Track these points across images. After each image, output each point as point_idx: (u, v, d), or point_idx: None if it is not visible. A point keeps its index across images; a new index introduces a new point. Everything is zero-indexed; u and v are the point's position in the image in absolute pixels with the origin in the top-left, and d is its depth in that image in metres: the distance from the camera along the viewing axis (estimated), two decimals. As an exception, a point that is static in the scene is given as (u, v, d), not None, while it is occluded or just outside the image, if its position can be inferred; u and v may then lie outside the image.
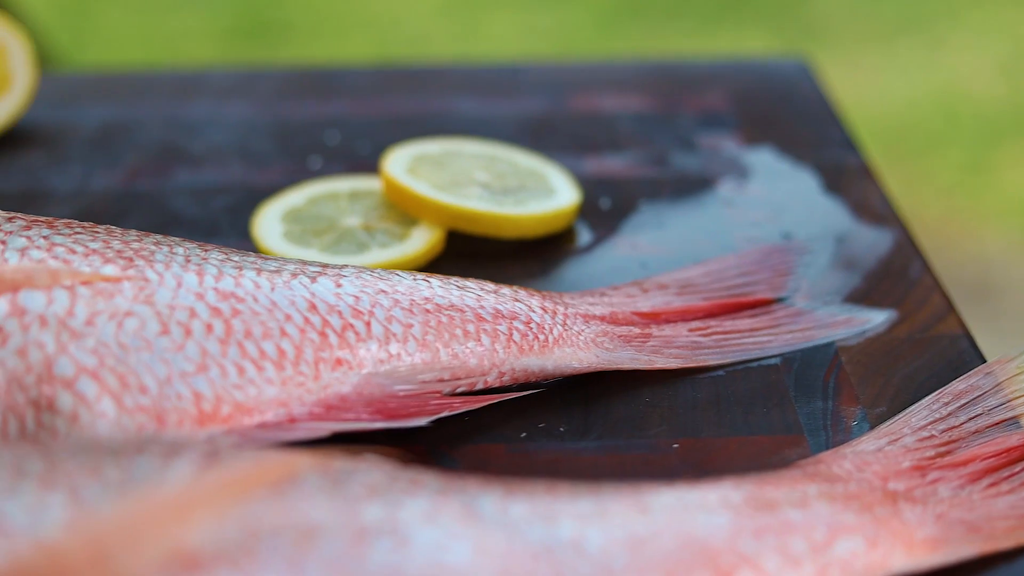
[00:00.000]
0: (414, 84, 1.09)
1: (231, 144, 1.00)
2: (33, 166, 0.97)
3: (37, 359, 0.64)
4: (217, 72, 1.12)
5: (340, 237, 0.84)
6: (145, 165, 0.97)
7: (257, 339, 0.68)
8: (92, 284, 0.67)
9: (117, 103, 1.06)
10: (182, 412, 0.65)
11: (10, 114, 0.99)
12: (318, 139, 1.01)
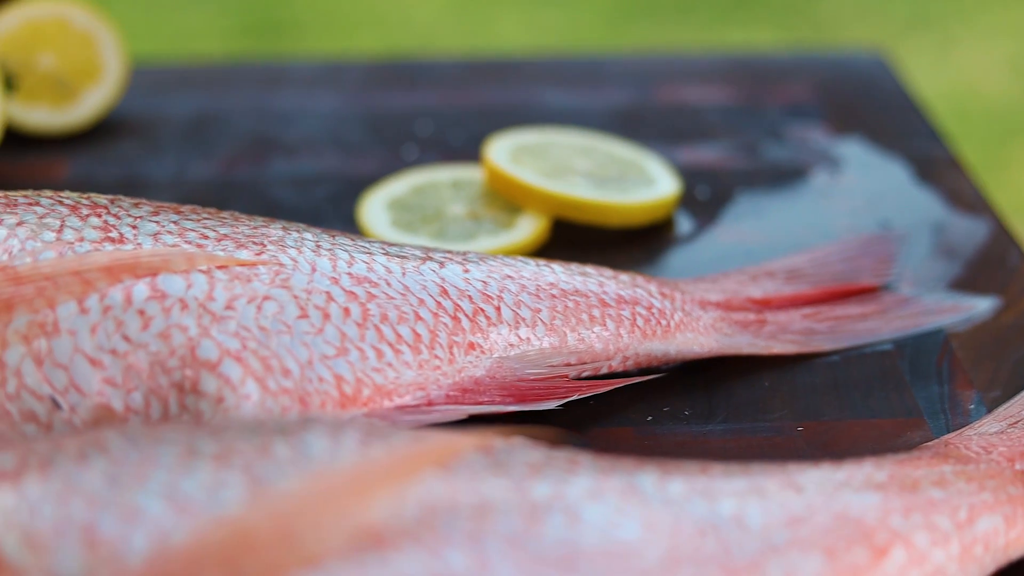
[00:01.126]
0: (499, 75, 1.10)
1: (324, 134, 1.00)
2: (128, 156, 0.97)
3: (180, 342, 0.64)
4: (301, 63, 1.12)
5: (446, 225, 0.84)
6: (240, 154, 0.97)
7: (393, 323, 0.68)
8: (228, 268, 0.67)
9: (205, 94, 1.06)
10: (324, 395, 0.65)
11: (103, 104, 0.99)
12: (409, 129, 1.01)
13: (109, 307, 0.64)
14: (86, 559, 0.49)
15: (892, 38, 2.57)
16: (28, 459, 0.54)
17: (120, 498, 0.51)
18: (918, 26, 2.67)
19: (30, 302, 0.64)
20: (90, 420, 0.63)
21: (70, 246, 0.66)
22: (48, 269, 0.65)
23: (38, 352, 0.63)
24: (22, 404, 0.63)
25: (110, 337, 0.64)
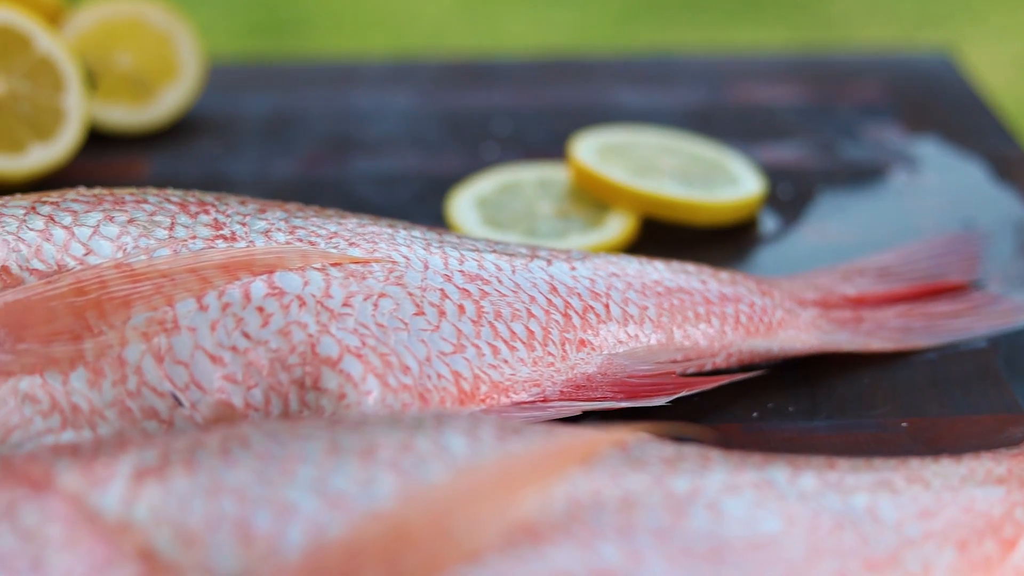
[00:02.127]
0: (570, 75, 1.10)
1: (402, 132, 1.01)
2: (208, 154, 0.97)
3: (300, 339, 0.64)
4: (374, 63, 1.12)
5: (536, 224, 0.84)
6: (321, 153, 0.97)
7: (507, 320, 0.68)
8: (342, 266, 0.67)
9: (280, 92, 1.07)
10: (443, 391, 0.65)
11: (180, 102, 0.99)
12: (486, 128, 1.01)
13: (228, 304, 0.64)
14: (242, 554, 0.49)
15: (901, 37, 2.57)
16: (170, 455, 0.54)
17: (271, 494, 0.52)
18: (927, 25, 2.67)
19: (148, 299, 0.64)
20: (211, 417, 0.63)
21: (183, 244, 0.67)
22: (165, 266, 0.65)
23: (158, 349, 0.63)
24: (143, 401, 0.63)
25: (230, 334, 0.64)
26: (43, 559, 0.49)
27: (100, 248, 0.66)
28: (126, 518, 0.51)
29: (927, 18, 2.71)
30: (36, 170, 0.89)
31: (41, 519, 0.51)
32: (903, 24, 2.68)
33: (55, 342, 0.63)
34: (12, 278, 0.65)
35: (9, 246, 0.66)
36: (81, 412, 0.62)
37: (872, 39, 2.55)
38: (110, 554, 0.49)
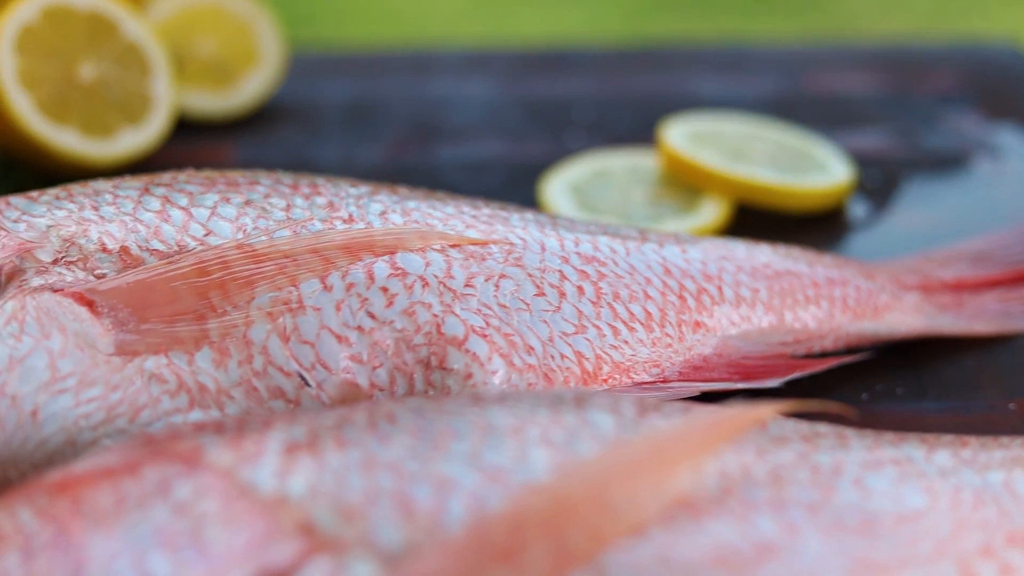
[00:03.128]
0: (648, 64, 1.10)
1: (484, 120, 1.01)
2: (292, 141, 0.97)
3: (425, 319, 0.65)
4: (450, 51, 1.12)
5: (630, 209, 0.85)
6: (405, 140, 0.98)
7: (625, 301, 0.68)
8: (461, 247, 0.67)
9: (360, 80, 1.07)
10: (567, 371, 0.66)
11: (262, 89, 1.00)
12: (566, 115, 1.02)
13: (352, 284, 0.64)
14: (406, 528, 0.49)
15: (914, 32, 2.57)
16: (320, 432, 0.54)
17: (428, 469, 0.52)
18: (938, 21, 2.68)
19: (272, 279, 0.64)
20: (337, 397, 0.63)
21: (302, 225, 0.67)
22: (286, 247, 0.65)
23: (283, 329, 0.63)
24: (269, 381, 0.63)
25: (355, 314, 0.64)
26: (202, 534, 0.49)
27: (220, 229, 0.66)
28: (281, 493, 0.51)
29: (939, 14, 2.71)
30: (126, 155, 0.89)
31: (195, 495, 0.51)
32: (916, 19, 2.69)
33: (179, 322, 0.63)
34: (132, 258, 0.65)
35: (127, 227, 0.66)
36: (208, 392, 0.62)
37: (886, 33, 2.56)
38: (270, 528, 0.49)
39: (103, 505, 0.51)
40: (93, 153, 0.88)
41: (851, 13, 2.71)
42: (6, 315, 0.61)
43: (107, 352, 0.61)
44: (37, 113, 0.86)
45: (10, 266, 0.64)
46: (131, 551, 0.49)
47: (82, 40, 0.89)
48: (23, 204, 0.68)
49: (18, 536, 0.49)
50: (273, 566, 0.48)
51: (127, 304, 0.63)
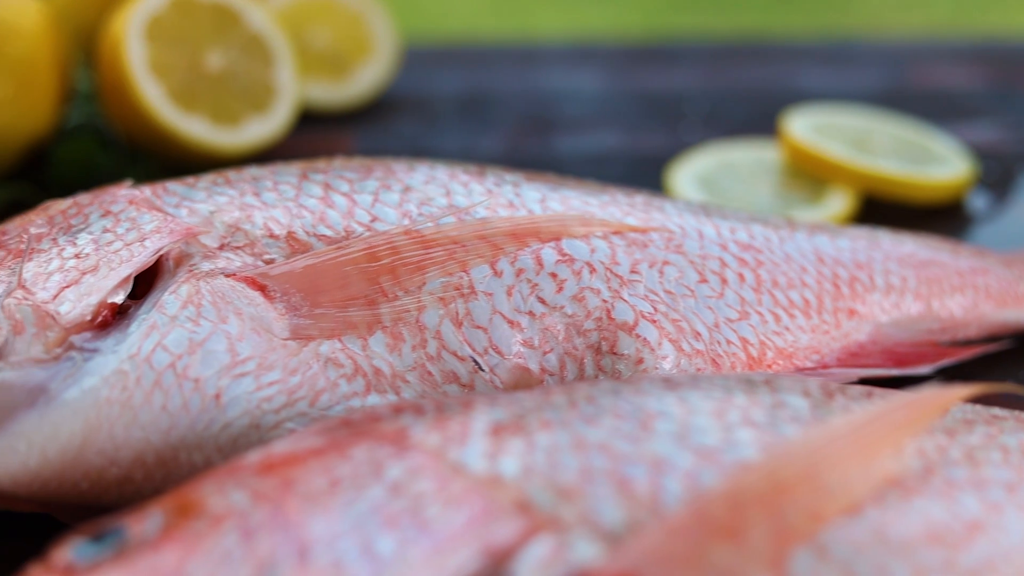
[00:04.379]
0: (751, 57, 1.11)
1: (597, 112, 1.01)
2: (410, 131, 0.98)
3: (595, 305, 0.65)
4: (558, 44, 1.13)
5: (757, 200, 0.85)
6: (522, 131, 0.98)
7: (784, 288, 0.69)
8: (623, 234, 0.68)
9: (470, 71, 1.07)
10: (733, 357, 0.66)
11: (377, 80, 1.00)
12: (678, 108, 1.02)
13: (522, 270, 0.65)
14: (626, 506, 0.50)
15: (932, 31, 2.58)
16: (524, 413, 0.54)
17: (639, 449, 0.52)
18: (958, 19, 2.68)
19: (442, 265, 0.64)
20: (509, 382, 0.64)
21: (466, 212, 0.67)
22: (454, 233, 0.65)
23: (456, 314, 0.64)
24: (443, 365, 0.63)
25: (526, 299, 0.65)
26: (422, 513, 0.50)
27: (385, 215, 0.67)
28: (494, 473, 0.51)
29: (961, 10, 2.71)
30: (252, 144, 0.90)
31: (408, 475, 0.51)
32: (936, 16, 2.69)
33: (351, 307, 0.63)
34: (300, 244, 0.65)
35: (291, 212, 0.67)
36: (383, 376, 0.62)
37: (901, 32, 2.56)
38: (489, 507, 0.50)
39: (316, 485, 0.51)
40: (221, 142, 0.88)
41: (870, 10, 2.72)
42: (182, 299, 0.62)
43: (282, 336, 0.62)
44: (167, 101, 0.87)
45: (177, 251, 0.64)
46: (354, 530, 0.49)
47: (208, 30, 0.90)
48: (182, 190, 0.69)
49: (233, 516, 0.50)
50: (497, 544, 0.49)
51: (299, 289, 0.63)
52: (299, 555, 0.48)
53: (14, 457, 0.58)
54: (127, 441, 0.59)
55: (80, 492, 0.59)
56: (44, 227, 0.67)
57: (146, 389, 0.60)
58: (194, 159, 0.88)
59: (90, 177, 0.90)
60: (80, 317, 0.61)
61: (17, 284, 0.63)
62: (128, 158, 0.91)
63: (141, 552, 0.49)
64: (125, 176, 0.88)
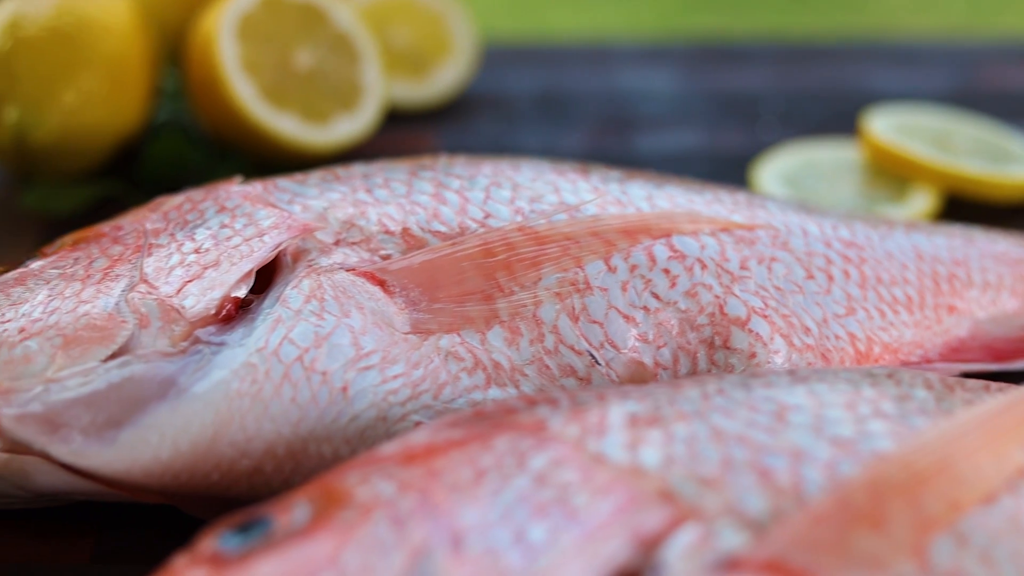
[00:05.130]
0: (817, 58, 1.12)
1: (674, 111, 1.03)
2: (491, 130, 0.99)
3: (707, 300, 0.66)
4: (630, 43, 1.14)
5: (840, 199, 0.86)
6: (601, 130, 0.99)
7: (887, 285, 0.70)
8: (730, 232, 0.69)
9: (545, 70, 1.09)
10: (841, 351, 0.67)
11: (458, 79, 1.01)
12: (753, 107, 1.03)
13: (635, 266, 0.66)
14: (770, 496, 0.51)
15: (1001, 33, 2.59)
16: (658, 405, 0.56)
17: (779, 440, 0.53)
18: (974, 19, 2.69)
19: (557, 261, 0.66)
20: (625, 376, 0.65)
21: (575, 209, 0.68)
22: (567, 229, 0.67)
23: (572, 309, 0.65)
24: (561, 359, 0.64)
25: (640, 295, 0.66)
26: (569, 502, 0.51)
27: (498, 212, 0.68)
28: (635, 463, 0.52)
29: (976, 10, 2.72)
30: (341, 142, 0.91)
31: (552, 465, 0.52)
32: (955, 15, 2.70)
33: (468, 301, 0.65)
34: (415, 240, 0.67)
35: (404, 209, 0.68)
36: (503, 370, 0.64)
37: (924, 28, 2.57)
38: (634, 496, 0.51)
39: (462, 476, 0.52)
40: (311, 139, 0.90)
41: (887, 10, 2.72)
42: (304, 294, 0.63)
43: (403, 331, 0.63)
44: (259, 99, 0.88)
45: (294, 246, 0.65)
46: (504, 519, 0.50)
47: (296, 29, 0.91)
48: (293, 187, 0.70)
49: (382, 505, 0.51)
50: (646, 532, 0.50)
51: (417, 284, 0.64)
52: (452, 543, 0.49)
53: (146, 449, 0.59)
54: (258, 433, 0.60)
55: (211, 483, 0.61)
56: (160, 223, 0.68)
57: (275, 382, 0.61)
58: (284, 157, 0.89)
59: (180, 174, 0.91)
60: (205, 311, 0.62)
61: (140, 279, 0.64)
62: (216, 155, 0.92)
63: (293, 541, 0.50)
64: (215, 173, 0.89)
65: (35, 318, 0.63)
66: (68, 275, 0.66)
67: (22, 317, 0.63)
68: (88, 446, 0.59)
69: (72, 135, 0.87)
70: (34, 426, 0.60)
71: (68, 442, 0.59)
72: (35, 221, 0.89)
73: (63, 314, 0.63)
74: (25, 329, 0.62)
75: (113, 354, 0.61)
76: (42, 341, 0.62)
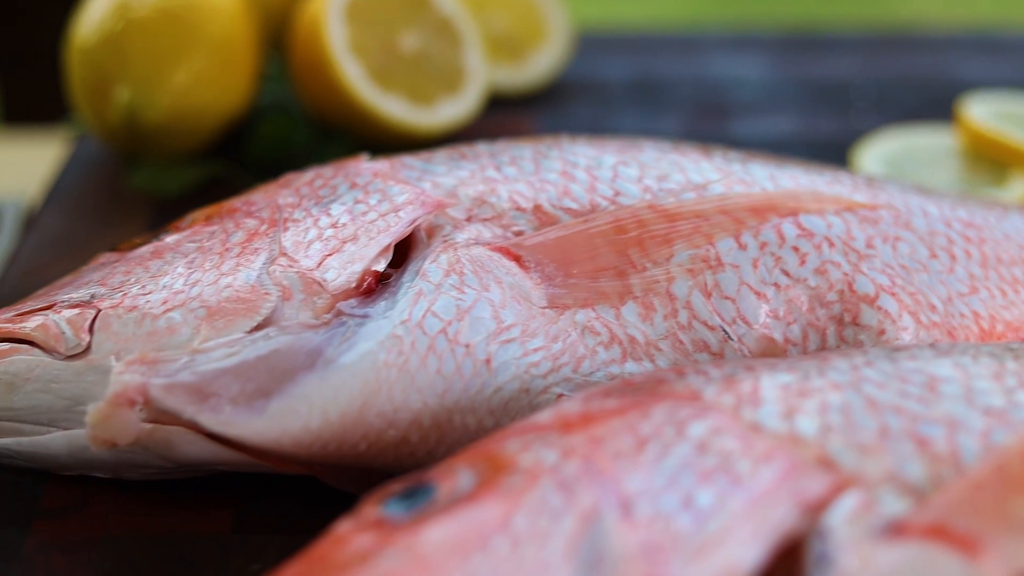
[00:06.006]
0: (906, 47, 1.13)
1: (767, 98, 1.04)
2: (588, 116, 1.00)
3: (836, 278, 0.67)
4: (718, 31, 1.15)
5: (940, 185, 0.87)
6: (697, 116, 1.01)
7: (1007, 265, 0.71)
8: (854, 211, 0.70)
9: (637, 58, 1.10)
10: (966, 329, 0.68)
11: (553, 65, 1.03)
12: (844, 94, 1.04)
13: (765, 243, 0.67)
14: (927, 464, 0.52)
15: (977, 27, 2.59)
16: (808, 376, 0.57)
17: (933, 410, 0.54)
18: (1001, 13, 2.69)
19: (688, 238, 0.67)
20: (756, 351, 0.66)
21: (702, 188, 0.70)
22: (697, 207, 0.68)
23: (704, 285, 0.66)
24: (694, 334, 0.66)
25: (771, 272, 0.67)
26: (733, 468, 0.52)
27: (627, 190, 0.69)
28: (793, 431, 0.53)
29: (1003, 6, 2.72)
30: (445, 125, 0.92)
31: (712, 433, 0.53)
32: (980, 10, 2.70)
33: (601, 277, 0.66)
34: (547, 216, 0.68)
35: (534, 187, 0.69)
36: (638, 344, 0.65)
37: (1010, 18, 2.57)
38: (795, 463, 0.52)
39: (623, 443, 0.53)
40: (417, 122, 0.91)
41: (916, 5, 2.73)
42: (443, 268, 0.64)
43: (540, 305, 0.64)
44: (367, 81, 0.89)
45: (427, 222, 0.67)
46: (671, 485, 0.51)
47: (400, 13, 0.92)
48: (420, 164, 0.71)
49: (548, 471, 0.52)
50: (809, 498, 0.51)
51: (552, 259, 0.65)
52: (621, 507, 0.50)
53: (296, 419, 0.60)
54: (405, 403, 0.61)
55: (358, 453, 0.62)
56: (292, 198, 0.69)
57: (421, 353, 0.62)
58: (389, 139, 0.90)
59: (285, 156, 0.92)
60: (346, 284, 0.63)
61: (279, 252, 0.65)
62: (321, 137, 0.93)
63: (461, 507, 0.51)
64: (320, 155, 0.90)
65: (177, 290, 0.64)
66: (206, 248, 0.67)
67: (163, 289, 0.64)
68: (238, 415, 0.60)
69: (182, 115, 0.88)
70: (183, 395, 0.61)
71: (217, 411, 0.60)
72: (142, 201, 0.91)
73: (205, 286, 0.64)
74: (167, 301, 0.63)
75: (257, 326, 0.62)
76: (185, 312, 0.63)
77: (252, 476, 0.65)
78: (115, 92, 0.88)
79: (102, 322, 0.64)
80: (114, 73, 0.88)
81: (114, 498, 0.65)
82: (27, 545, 0.62)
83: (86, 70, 0.90)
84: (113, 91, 0.88)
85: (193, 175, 0.91)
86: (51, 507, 0.64)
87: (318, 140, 0.93)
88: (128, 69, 0.88)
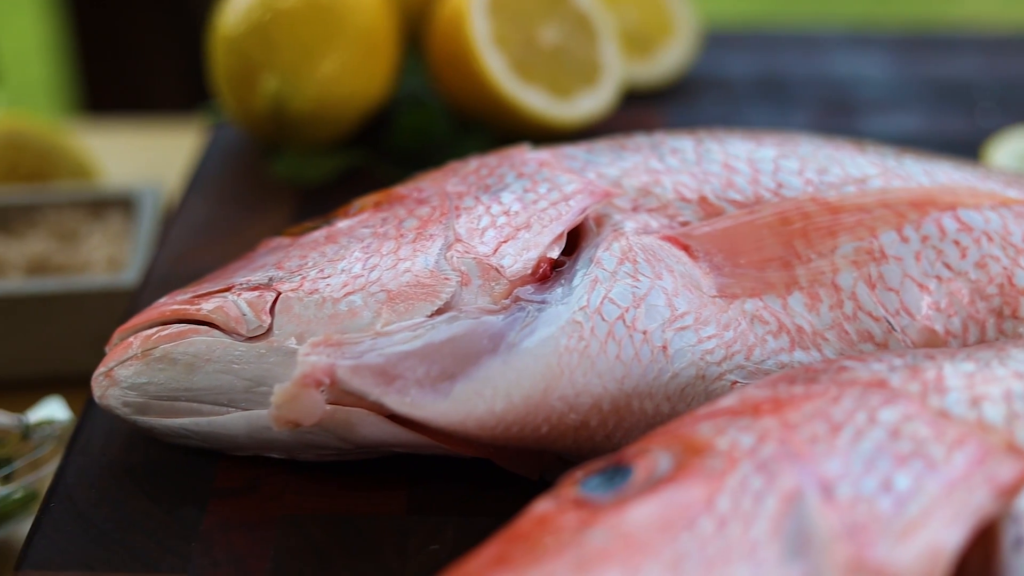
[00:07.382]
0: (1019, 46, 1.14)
1: (891, 96, 1.05)
2: (716, 111, 1.02)
3: (996, 272, 0.69)
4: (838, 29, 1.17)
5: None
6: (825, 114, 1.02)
7: None
8: (1009, 206, 0.71)
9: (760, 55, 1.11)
10: None
11: (681, 60, 1.05)
12: (967, 93, 1.06)
13: (927, 237, 0.69)
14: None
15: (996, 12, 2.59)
16: (988, 363, 0.58)
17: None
18: None
19: (852, 230, 0.68)
20: (919, 342, 0.67)
21: (862, 182, 0.71)
22: (859, 201, 0.69)
23: (868, 276, 0.68)
24: (859, 325, 0.67)
25: (932, 265, 0.68)
26: (926, 452, 0.53)
27: (790, 183, 0.71)
28: (980, 418, 0.55)
29: None
30: (583, 119, 0.94)
31: (902, 419, 0.55)
32: None
33: (767, 267, 0.67)
34: (712, 207, 0.70)
35: (698, 178, 0.71)
36: (805, 334, 0.66)
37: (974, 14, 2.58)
38: (986, 448, 0.53)
39: (817, 428, 0.55)
40: (557, 114, 0.93)
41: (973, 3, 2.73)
42: (616, 256, 0.66)
43: (711, 294, 0.66)
44: (510, 73, 0.91)
45: (595, 211, 0.68)
46: (868, 468, 0.52)
47: (540, 7, 0.94)
48: (582, 155, 0.73)
49: (746, 454, 0.53)
50: (1003, 483, 0.52)
51: (720, 249, 0.67)
52: (822, 489, 0.52)
53: (480, 401, 0.62)
54: (586, 388, 0.63)
55: (540, 436, 0.63)
56: (460, 186, 0.71)
57: (601, 339, 0.64)
58: (528, 131, 0.92)
59: (426, 146, 0.94)
60: (523, 270, 0.65)
61: (455, 238, 0.67)
62: (461, 128, 0.95)
63: (664, 487, 0.52)
64: (459, 146, 0.92)
65: (356, 274, 0.66)
66: (380, 234, 0.68)
67: (342, 273, 0.66)
68: (423, 397, 0.62)
69: (327, 104, 0.90)
70: (370, 377, 0.62)
71: (404, 393, 0.62)
72: (285, 189, 0.92)
73: (384, 271, 0.65)
74: (347, 284, 0.65)
75: (438, 310, 0.64)
76: (366, 296, 0.65)
77: (422, 458, 0.66)
78: (262, 81, 0.90)
79: (283, 304, 0.65)
80: (261, 62, 0.90)
81: (286, 479, 0.66)
82: (205, 523, 0.63)
83: (232, 59, 0.91)
84: (260, 80, 0.90)
85: (334, 164, 0.92)
86: (225, 487, 0.66)
87: (458, 131, 0.95)
88: (275, 58, 0.90)
